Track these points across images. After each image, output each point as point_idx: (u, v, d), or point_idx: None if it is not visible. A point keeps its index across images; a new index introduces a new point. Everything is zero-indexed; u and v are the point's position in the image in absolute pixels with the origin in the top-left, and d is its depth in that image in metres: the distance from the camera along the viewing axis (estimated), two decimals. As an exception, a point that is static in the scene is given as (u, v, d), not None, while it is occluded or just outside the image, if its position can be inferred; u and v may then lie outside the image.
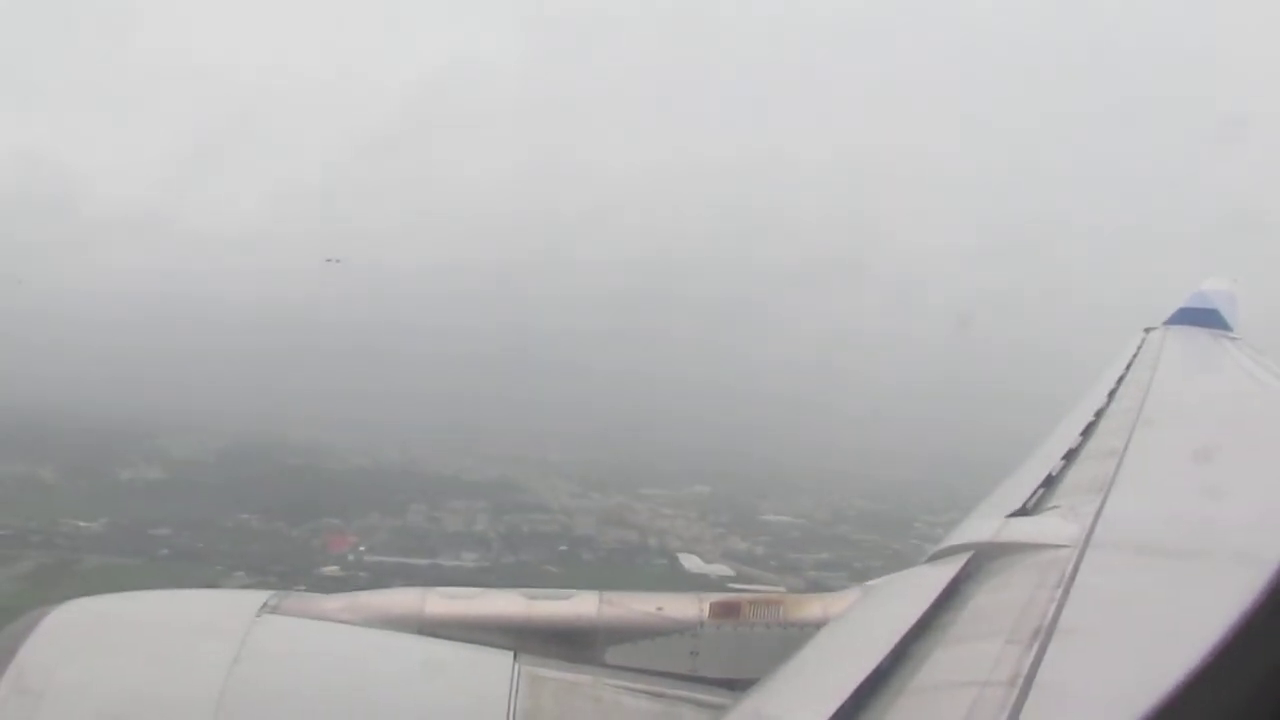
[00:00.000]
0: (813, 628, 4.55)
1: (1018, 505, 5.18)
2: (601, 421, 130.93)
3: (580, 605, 4.84)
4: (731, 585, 55.41)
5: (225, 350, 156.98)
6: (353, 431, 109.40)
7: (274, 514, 72.13)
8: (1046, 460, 6.51)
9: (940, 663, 3.17)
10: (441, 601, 4.77)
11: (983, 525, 4.87)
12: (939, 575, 4.09)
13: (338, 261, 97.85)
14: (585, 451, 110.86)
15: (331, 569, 60.13)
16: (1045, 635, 3.10)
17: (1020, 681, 2.76)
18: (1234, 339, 13.88)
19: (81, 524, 67.64)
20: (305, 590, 4.73)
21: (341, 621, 4.58)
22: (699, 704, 4.51)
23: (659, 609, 4.84)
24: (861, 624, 4.23)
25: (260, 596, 4.62)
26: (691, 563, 65.50)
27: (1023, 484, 5.90)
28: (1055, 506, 5.13)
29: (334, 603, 4.74)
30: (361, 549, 65.41)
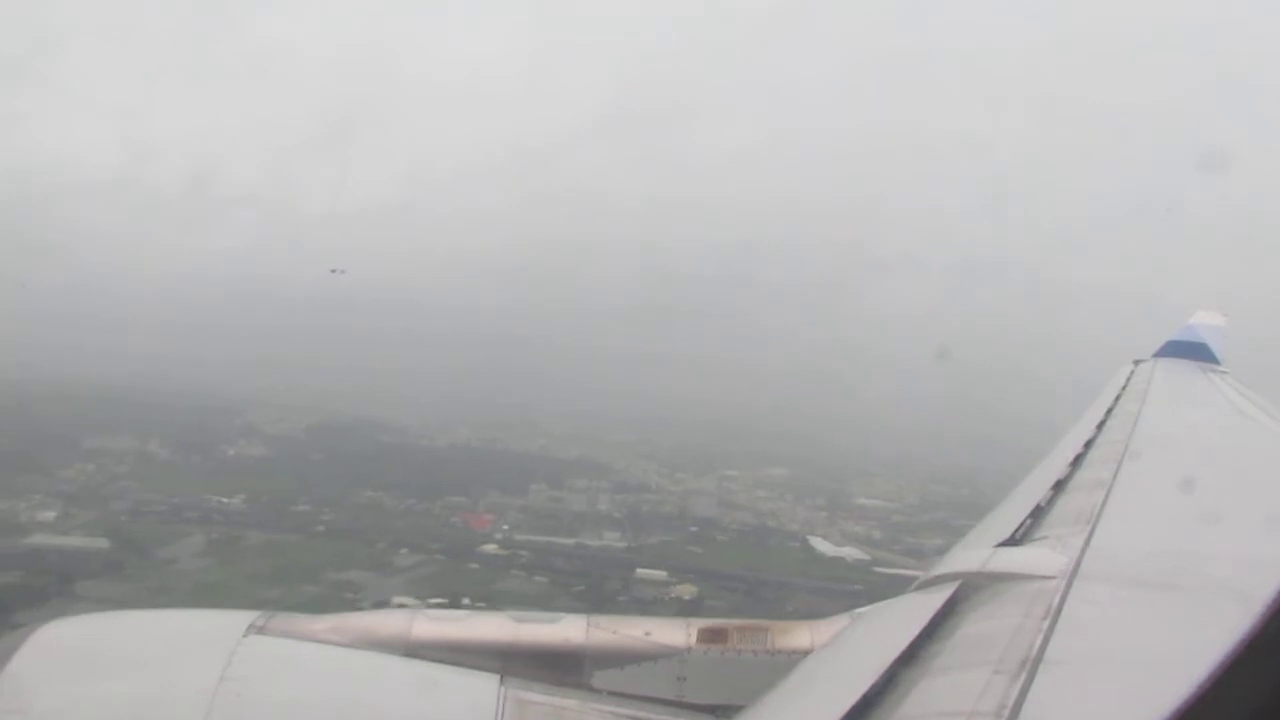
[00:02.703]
0: (799, 655, 4.58)
1: (1006, 535, 5.18)
2: (653, 404, 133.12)
3: (568, 629, 4.83)
4: (876, 570, 58.18)
5: (290, 329, 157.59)
6: (418, 410, 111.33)
7: (400, 492, 73.84)
8: (1035, 490, 6.54)
9: (927, 692, 3.18)
10: (429, 624, 4.78)
11: (971, 555, 4.85)
12: (927, 604, 4.08)
13: (342, 272, 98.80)
14: (648, 433, 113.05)
15: (491, 547, 62.20)
16: (1032, 666, 3.11)
17: (1006, 713, 2.77)
18: (1222, 373, 14.04)
19: (224, 500, 69.11)
20: (297, 612, 4.85)
21: (328, 642, 4.57)
22: None
23: (647, 634, 4.83)
24: (848, 652, 4.23)
25: (247, 617, 4.60)
26: (822, 545, 67.86)
27: (1011, 514, 5.92)
28: (1043, 537, 5.14)
29: (321, 624, 4.72)
30: (505, 527, 67.26)
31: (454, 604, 50.09)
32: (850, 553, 65.96)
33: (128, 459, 78.11)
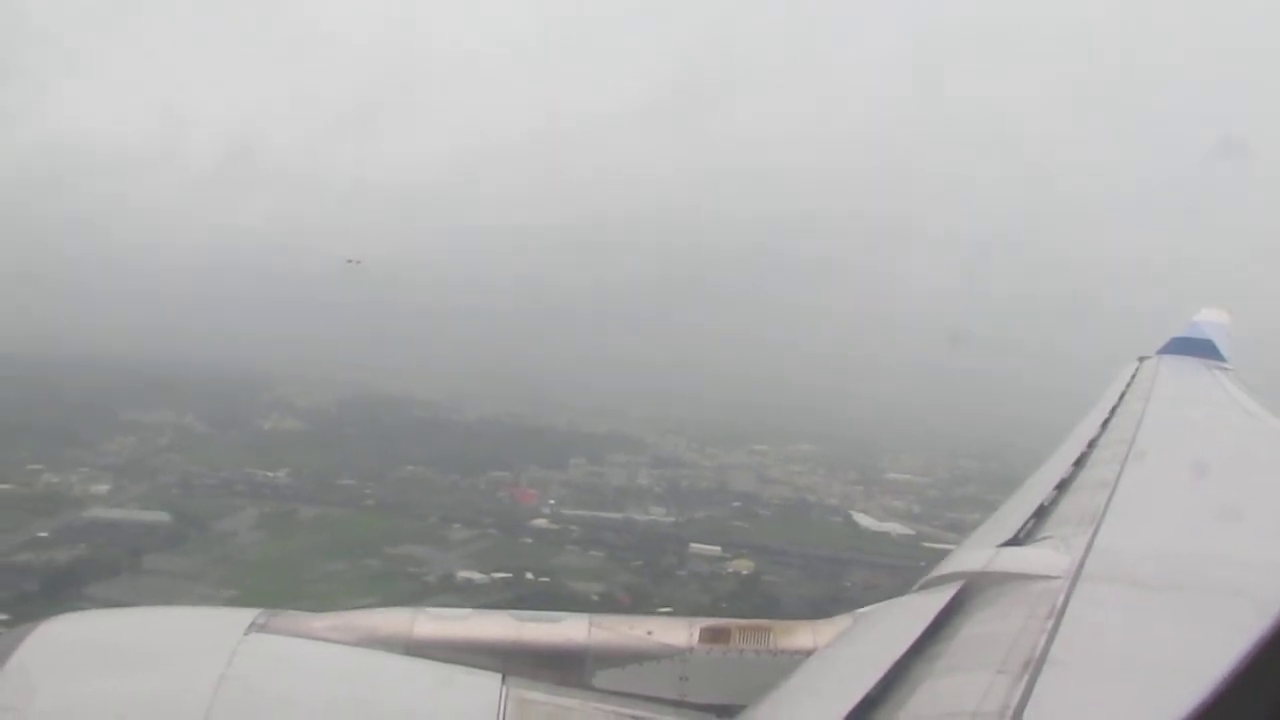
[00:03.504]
0: (802, 655, 4.57)
1: (1009, 535, 5.18)
2: (673, 379, 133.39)
3: (570, 629, 4.82)
4: (924, 545, 58.67)
5: (310, 303, 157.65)
6: (441, 384, 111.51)
7: (440, 466, 74.16)
8: (1039, 490, 6.52)
9: (930, 693, 3.18)
10: (430, 622, 4.76)
11: (974, 555, 4.84)
12: (929, 604, 4.08)
13: (358, 263, 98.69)
14: (671, 408, 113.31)
15: (541, 521, 62.63)
16: (1035, 667, 3.11)
17: (1010, 713, 2.77)
18: (1226, 369, 13.98)
19: (268, 474, 69.46)
20: (297, 610, 4.83)
21: (330, 641, 4.56)
22: None
23: (649, 633, 4.82)
24: (851, 652, 4.22)
25: (248, 614, 4.56)
26: (865, 520, 68.41)
27: (1015, 513, 5.90)
28: (1047, 537, 5.13)
29: (322, 622, 4.69)
30: (551, 502, 67.69)
31: (517, 578, 50.74)
32: (894, 528, 66.48)
33: (166, 432, 78.53)
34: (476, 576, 50.09)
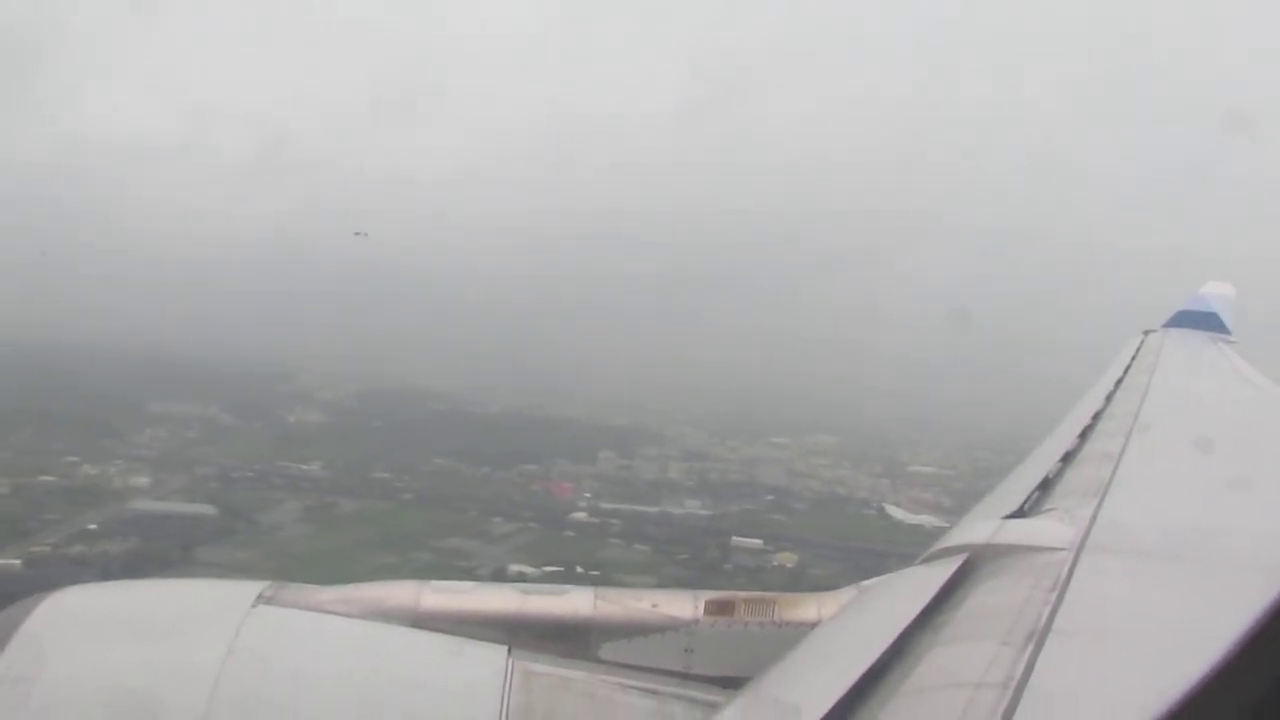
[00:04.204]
0: (807, 627, 4.59)
1: (1014, 507, 5.17)
2: (684, 371, 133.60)
3: (575, 601, 4.83)
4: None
5: (322, 295, 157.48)
6: (455, 377, 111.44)
7: (470, 459, 74.30)
8: (1043, 462, 6.49)
9: (934, 664, 3.19)
10: (436, 595, 4.76)
11: (978, 527, 4.85)
12: (934, 576, 4.09)
13: (365, 235, 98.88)
14: (684, 400, 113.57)
15: (581, 515, 62.84)
16: (1039, 638, 3.11)
17: (1014, 684, 2.79)
18: (1232, 342, 13.98)
19: (303, 467, 69.46)
20: (303, 583, 4.87)
21: (336, 613, 4.57)
22: (692, 701, 4.54)
23: (654, 606, 4.83)
24: (856, 624, 4.23)
25: (255, 587, 4.61)
26: (899, 513, 68.75)
27: (1019, 486, 5.90)
28: (1051, 509, 5.12)
29: (329, 594, 4.71)
30: (587, 495, 67.87)
31: (569, 571, 50.84)
32: (928, 520, 66.58)
33: (194, 424, 78.36)
34: (529, 570, 50.24)
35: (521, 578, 49.55)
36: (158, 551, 48.83)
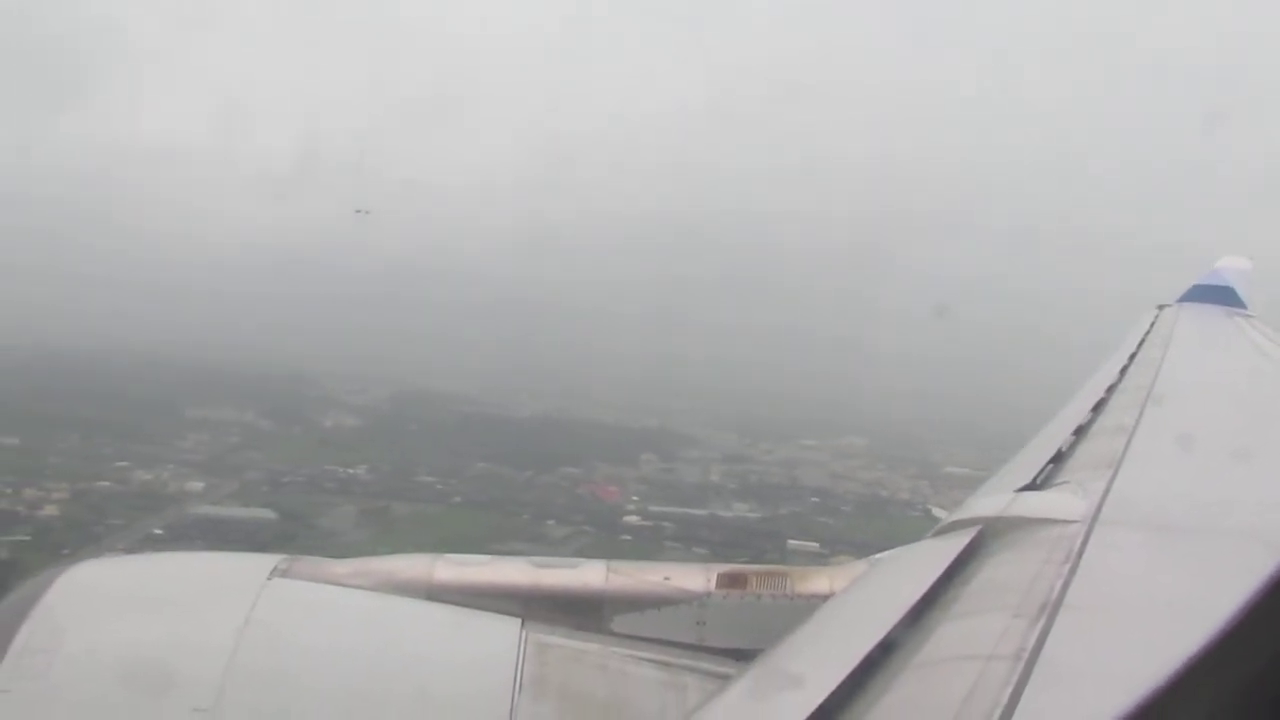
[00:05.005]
0: (819, 600, 4.56)
1: (1027, 480, 5.12)
2: (695, 373, 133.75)
3: (588, 574, 4.85)
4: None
5: (337, 299, 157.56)
6: (472, 380, 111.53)
7: (511, 463, 74.36)
8: (1056, 435, 6.46)
9: (946, 637, 3.18)
10: (450, 568, 4.80)
11: (991, 500, 4.83)
12: (946, 549, 4.07)
13: (367, 213, 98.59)
14: (705, 402, 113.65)
15: (633, 518, 63.00)
16: (1051, 611, 3.11)
17: (1025, 656, 2.78)
18: (1248, 316, 13.89)
19: (349, 471, 69.41)
20: (320, 556, 4.91)
21: (351, 586, 4.61)
22: (704, 674, 4.54)
23: (666, 579, 4.85)
24: (868, 597, 4.22)
25: (270, 560, 4.64)
26: (944, 516, 68.95)
27: (1032, 459, 5.87)
28: (1064, 482, 5.09)
29: (343, 567, 4.76)
30: (635, 498, 68.04)
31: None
32: (975, 523, 67.11)
33: (233, 429, 78.17)
34: (599, 573, 50.39)
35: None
36: (229, 557, 48.79)
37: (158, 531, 51.74)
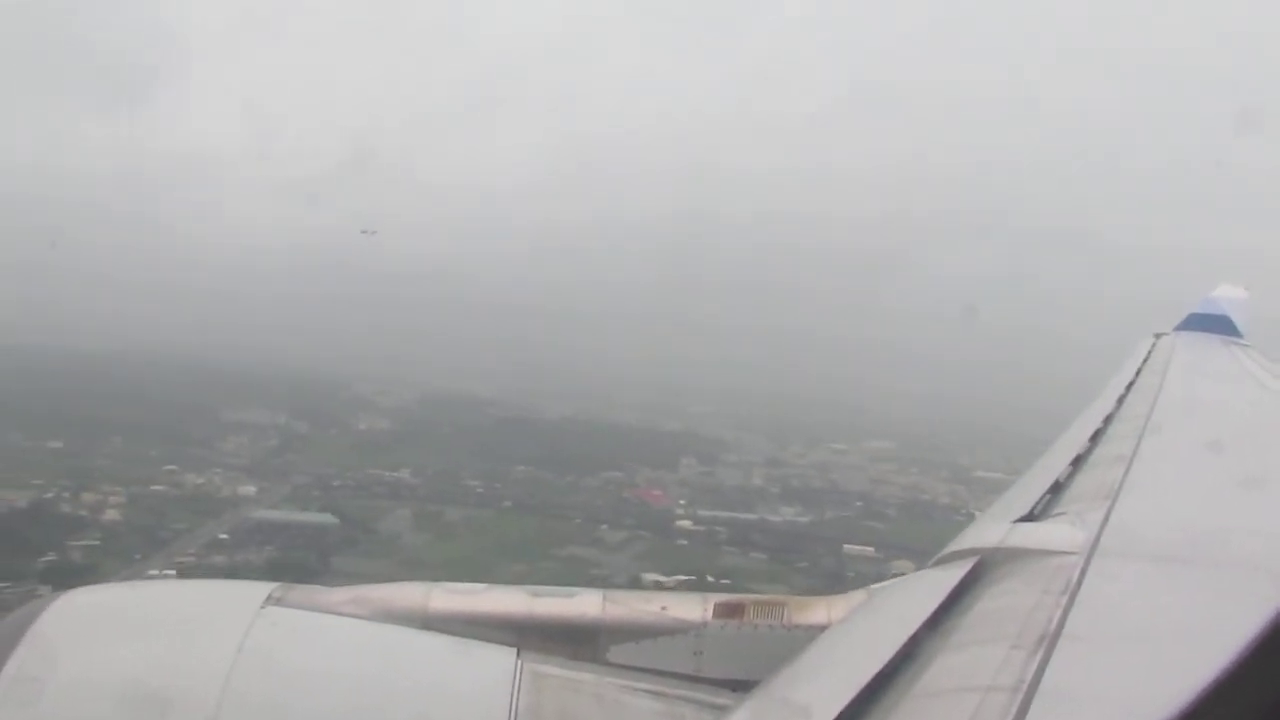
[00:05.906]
0: (817, 630, 4.56)
1: (1025, 511, 5.16)
2: (709, 375, 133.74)
3: (584, 603, 4.82)
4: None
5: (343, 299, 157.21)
6: (492, 381, 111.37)
7: (552, 467, 74.31)
8: (1054, 466, 6.48)
9: (944, 667, 3.18)
10: (446, 596, 4.76)
11: (989, 530, 4.84)
12: (944, 580, 4.07)
13: (374, 233, 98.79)
14: (728, 405, 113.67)
15: (684, 523, 63.13)
16: (1050, 642, 3.11)
17: (1024, 688, 2.78)
18: (1244, 345, 13.90)
19: (394, 474, 69.29)
20: (315, 585, 4.89)
21: (346, 615, 4.58)
22: (701, 704, 4.52)
23: (663, 608, 4.82)
24: (866, 627, 4.21)
25: (265, 588, 4.60)
26: (989, 520, 69.22)
27: (1030, 489, 5.89)
28: (1062, 513, 5.10)
29: (338, 595, 4.72)
30: (682, 502, 68.08)
31: (700, 581, 50.96)
32: (1020, 528, 67.41)
33: (270, 432, 77.94)
34: (663, 579, 50.46)
35: (659, 587, 49.82)
36: (296, 561, 48.76)
37: (223, 536, 51.74)
